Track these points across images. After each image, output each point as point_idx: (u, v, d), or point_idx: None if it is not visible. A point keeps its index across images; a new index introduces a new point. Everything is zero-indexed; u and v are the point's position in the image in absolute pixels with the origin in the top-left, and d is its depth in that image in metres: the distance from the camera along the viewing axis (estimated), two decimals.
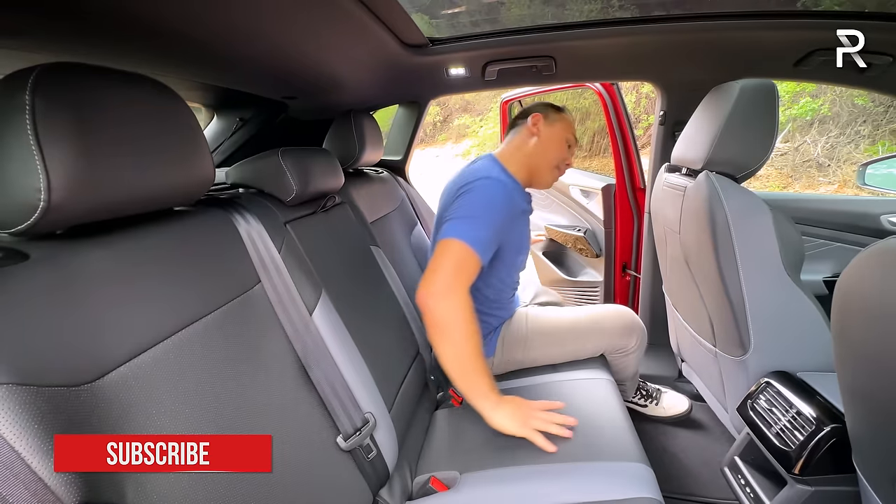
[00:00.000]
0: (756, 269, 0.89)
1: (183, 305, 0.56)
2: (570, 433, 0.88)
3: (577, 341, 1.18)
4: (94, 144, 0.45)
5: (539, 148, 1.12)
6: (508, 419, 0.87)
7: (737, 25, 1.14)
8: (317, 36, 0.92)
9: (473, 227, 0.90)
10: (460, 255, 0.87)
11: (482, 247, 0.90)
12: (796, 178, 4.76)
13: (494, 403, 0.88)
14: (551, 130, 1.13)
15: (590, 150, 6.66)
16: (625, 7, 1.32)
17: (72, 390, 0.41)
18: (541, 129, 1.12)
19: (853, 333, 0.54)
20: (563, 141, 1.14)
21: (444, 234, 0.90)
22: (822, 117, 4.75)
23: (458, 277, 0.86)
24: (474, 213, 0.92)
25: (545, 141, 1.12)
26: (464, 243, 0.87)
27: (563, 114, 1.16)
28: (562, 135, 1.14)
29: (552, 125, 1.13)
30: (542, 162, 1.13)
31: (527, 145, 1.13)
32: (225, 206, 0.74)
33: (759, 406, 0.90)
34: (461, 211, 0.93)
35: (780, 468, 0.82)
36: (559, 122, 1.14)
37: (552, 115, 1.15)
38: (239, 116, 1.47)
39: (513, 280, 1.19)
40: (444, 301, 0.85)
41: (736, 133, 0.92)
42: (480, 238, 0.89)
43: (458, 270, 0.86)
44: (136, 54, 0.83)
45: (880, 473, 0.57)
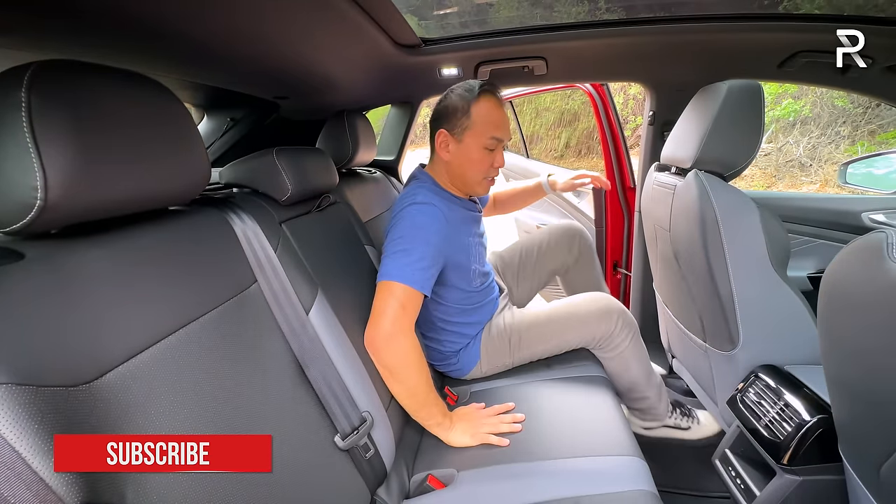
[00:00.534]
0: (744, 266, 0.91)
1: (180, 305, 0.56)
2: (520, 427, 0.94)
3: (558, 333, 1.15)
4: (91, 143, 0.45)
5: (456, 167, 1.04)
6: (462, 434, 0.93)
7: (722, 27, 1.16)
8: (311, 36, 0.92)
9: (408, 265, 0.90)
10: (400, 297, 0.88)
11: (420, 282, 0.90)
12: (780, 178, 4.87)
13: (447, 427, 0.94)
14: (462, 147, 1.01)
15: (579, 152, 6.74)
16: (612, 9, 1.34)
17: (70, 390, 0.40)
18: (450, 150, 1.02)
19: (838, 326, 0.56)
20: (481, 150, 1.01)
21: (382, 276, 0.91)
22: (803, 118, 4.87)
23: (401, 319, 0.88)
24: (405, 246, 0.92)
25: (460, 158, 1.02)
26: (401, 284, 0.88)
27: (477, 105, 0.98)
28: (477, 144, 1.00)
29: (462, 139, 1.00)
30: (466, 176, 1.05)
31: (445, 162, 1.05)
32: (220, 205, 0.73)
33: (749, 399, 0.93)
34: (393, 245, 0.93)
35: (770, 459, 0.84)
36: (469, 130, 0.99)
37: (459, 123, 0.99)
38: (230, 116, 1.46)
39: (473, 288, 1.13)
40: (389, 345, 0.87)
41: (723, 133, 0.94)
42: (416, 274, 0.90)
43: (400, 312, 0.88)
44: (128, 53, 0.82)
45: (865, 461, 0.59)
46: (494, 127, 1.00)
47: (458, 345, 1.16)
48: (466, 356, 1.16)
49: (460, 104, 0.99)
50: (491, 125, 1.00)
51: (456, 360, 1.16)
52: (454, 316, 1.13)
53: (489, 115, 0.99)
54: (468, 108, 0.98)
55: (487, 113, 0.99)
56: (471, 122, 0.99)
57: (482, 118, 0.99)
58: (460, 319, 1.14)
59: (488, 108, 0.99)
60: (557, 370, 1.16)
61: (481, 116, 0.99)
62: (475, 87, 1.00)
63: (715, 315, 0.98)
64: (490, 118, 0.99)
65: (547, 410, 1.01)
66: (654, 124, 1.47)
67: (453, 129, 1.01)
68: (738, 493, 0.91)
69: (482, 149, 1.01)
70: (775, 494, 0.82)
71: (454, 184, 1.09)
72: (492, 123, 1.00)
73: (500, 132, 1.01)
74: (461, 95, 0.99)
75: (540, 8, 1.53)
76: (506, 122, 1.03)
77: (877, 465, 0.55)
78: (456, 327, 1.14)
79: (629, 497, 0.75)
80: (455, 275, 1.07)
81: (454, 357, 1.16)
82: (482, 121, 0.99)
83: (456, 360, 1.16)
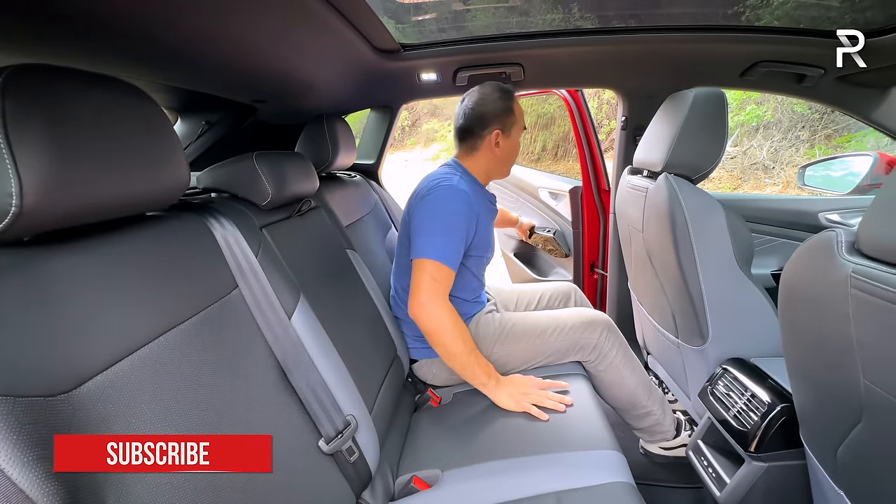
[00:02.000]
0: (712, 264, 0.95)
1: (159, 312, 0.55)
2: (563, 409, 0.99)
3: (542, 335, 1.17)
4: (68, 147, 0.44)
5: (502, 158, 1.19)
6: (507, 398, 1.01)
7: (688, 38, 1.22)
8: (290, 40, 0.92)
9: (440, 244, 1.01)
10: (433, 272, 0.99)
11: (451, 259, 1.02)
12: (745, 180, 5.09)
13: (492, 388, 1.02)
14: (510, 139, 1.17)
15: (555, 154, 6.85)
16: (586, 17, 1.39)
17: (48, 400, 0.39)
18: (501, 145, 1.16)
19: (796, 319, 0.60)
20: (520, 139, 1.20)
21: (416, 253, 1.02)
22: (766, 123, 5.10)
23: (435, 290, 0.99)
24: (437, 228, 1.03)
25: (507, 151, 1.18)
26: (434, 261, 1.00)
27: (515, 103, 1.17)
28: (518, 134, 1.19)
29: (510, 134, 1.16)
30: (510, 162, 1.22)
31: (490, 155, 1.17)
32: (199, 210, 0.72)
33: (718, 391, 0.97)
34: (426, 227, 1.03)
35: (738, 448, 0.88)
36: (515, 125, 1.17)
37: (509, 120, 1.15)
38: (205, 119, 1.43)
39: (479, 273, 1.24)
40: (427, 311, 0.98)
41: (691, 138, 0.99)
42: (447, 252, 1.01)
43: (434, 284, 0.99)
44: (101, 56, 0.80)
45: (824, 445, 0.63)
46: (524, 118, 1.20)
47: None
48: None
49: (504, 105, 1.14)
50: (522, 117, 1.19)
51: None
52: (460, 290, 1.18)
53: (519, 109, 1.18)
54: (511, 107, 1.15)
55: (519, 108, 1.18)
56: (514, 118, 1.16)
57: (519, 113, 1.18)
58: (463, 295, 1.19)
59: (518, 106, 1.18)
60: (540, 370, 1.19)
61: (518, 112, 1.17)
62: (509, 89, 1.16)
63: (686, 312, 1.03)
64: (520, 111, 1.18)
65: None
66: (627, 129, 1.53)
67: (504, 127, 1.15)
68: (710, 481, 0.96)
69: (520, 137, 1.20)
70: (744, 481, 0.86)
71: (490, 175, 1.23)
72: (523, 115, 1.19)
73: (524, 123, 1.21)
74: (501, 98, 1.14)
75: (516, 15, 1.56)
76: None
77: (833, 448, 0.59)
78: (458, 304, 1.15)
79: (608, 489, 0.78)
80: (471, 260, 1.15)
81: None
82: (520, 115, 1.18)
83: None
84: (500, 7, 1.54)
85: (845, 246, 0.50)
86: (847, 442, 0.56)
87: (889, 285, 0.42)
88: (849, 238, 0.50)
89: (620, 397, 1.18)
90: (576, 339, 1.17)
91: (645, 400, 1.18)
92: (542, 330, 1.17)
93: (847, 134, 4.55)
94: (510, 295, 1.45)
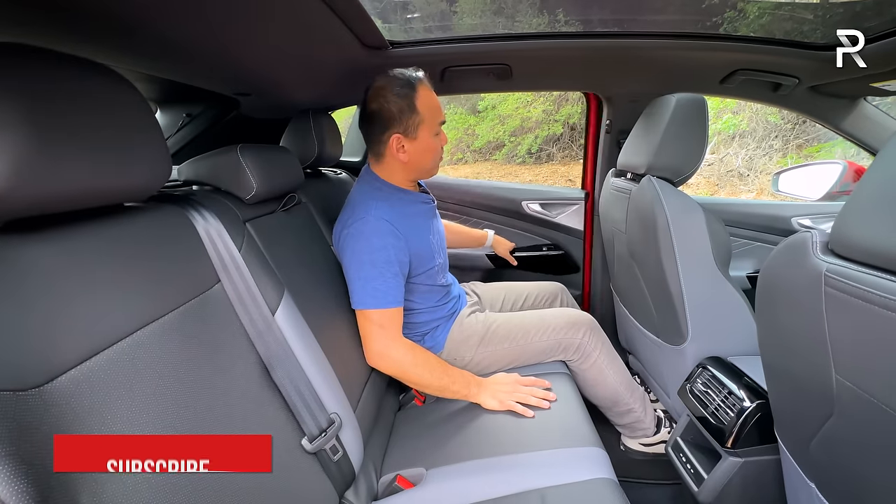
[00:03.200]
0: (692, 265, 0.98)
1: (138, 305, 0.53)
2: (548, 405, 1.00)
3: (526, 334, 1.17)
4: (44, 131, 0.42)
5: (415, 162, 1.05)
6: (491, 398, 1.01)
7: (671, 45, 1.25)
8: (279, 30, 0.90)
9: (375, 288, 0.96)
10: (378, 319, 0.97)
11: (392, 299, 0.98)
12: (721, 186, 5.25)
13: (476, 393, 1.02)
14: (418, 142, 1.02)
15: (538, 157, 6.94)
16: (571, 22, 1.41)
17: (19, 395, 0.38)
18: (407, 150, 1.02)
19: (772, 317, 0.62)
20: (433, 138, 1.03)
21: (355, 303, 0.98)
22: (742, 132, 5.28)
23: (386, 336, 0.97)
24: (367, 272, 0.96)
25: (418, 154, 1.04)
26: (375, 310, 0.97)
27: (422, 95, 0.99)
28: (429, 134, 1.02)
29: (416, 136, 1.01)
30: (425, 166, 1.08)
31: (398, 164, 1.05)
32: (180, 202, 0.70)
33: (697, 389, 1.00)
34: (356, 271, 0.97)
35: (716, 444, 0.91)
36: (423, 124, 1.00)
37: (411, 121, 0.99)
38: (186, 112, 1.39)
39: (437, 280, 1.16)
40: (384, 360, 0.99)
41: (673, 141, 1.01)
42: (387, 295, 0.97)
43: (382, 331, 0.97)
44: (78, 40, 0.77)
45: (798, 439, 0.65)
46: (438, 112, 1.03)
47: (426, 326, 1.16)
48: (431, 341, 1.16)
49: (403, 104, 0.98)
50: (435, 112, 1.02)
51: (419, 342, 1.15)
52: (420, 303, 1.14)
53: (430, 103, 1.01)
54: (413, 104, 0.99)
55: (429, 102, 1.00)
56: (420, 117, 1.00)
57: (427, 109, 1.00)
58: (426, 305, 1.16)
59: (428, 97, 1.00)
60: (523, 369, 1.19)
61: (426, 108, 1.00)
62: (411, 81, 1.00)
63: (667, 311, 1.05)
64: (432, 106, 1.01)
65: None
66: (611, 132, 1.55)
67: (406, 131, 1.00)
68: (688, 478, 0.98)
69: (433, 136, 1.04)
70: (722, 476, 0.88)
71: (409, 178, 1.11)
72: (435, 110, 1.02)
73: (442, 115, 1.04)
74: (400, 95, 0.98)
75: (502, 17, 1.58)
76: (440, 102, 1.05)
77: (806, 442, 0.61)
78: (423, 315, 1.16)
79: (591, 485, 0.79)
80: (420, 277, 1.10)
81: (419, 341, 1.15)
82: (429, 111, 1.00)
83: (419, 342, 1.15)
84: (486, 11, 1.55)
85: (819, 246, 0.52)
86: (819, 436, 0.58)
87: (861, 283, 0.44)
88: (823, 239, 0.52)
89: (603, 395, 1.20)
90: (559, 340, 1.17)
91: (627, 397, 1.20)
92: (525, 331, 1.18)
93: (817, 144, 4.74)
94: (497, 293, 1.44)
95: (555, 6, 1.37)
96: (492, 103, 7.27)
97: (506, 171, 6.99)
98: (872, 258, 0.44)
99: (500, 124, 7.21)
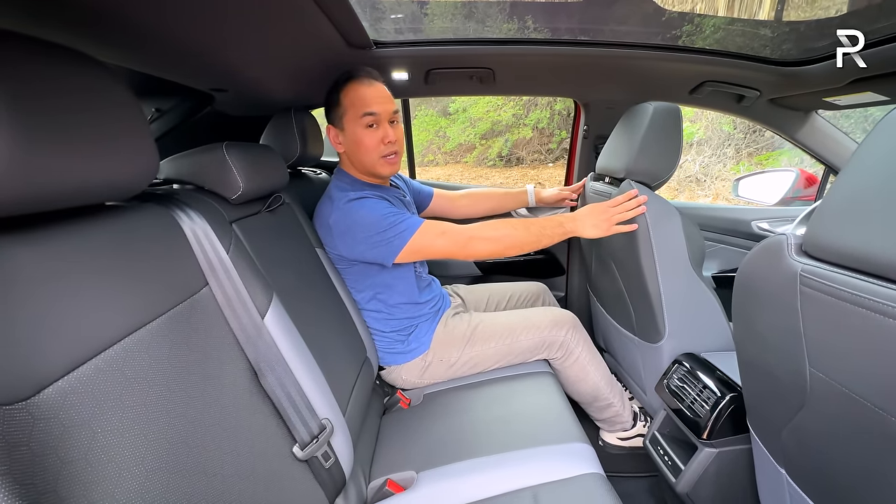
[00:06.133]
0: (669, 265, 1.03)
1: (125, 310, 0.50)
2: (644, 209, 1.01)
3: (511, 333, 1.20)
4: (24, 125, 0.39)
5: (352, 154, 1.10)
6: (592, 228, 1.05)
7: (644, 55, 1.31)
8: (261, 23, 0.87)
9: (401, 222, 1.01)
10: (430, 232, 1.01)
11: (416, 219, 1.03)
12: (680, 191, 5.54)
13: (572, 227, 1.07)
14: (347, 134, 1.07)
15: (508, 160, 7.06)
16: (539, 30, 1.45)
17: (6, 409, 0.35)
18: (341, 140, 1.10)
19: (750, 313, 0.66)
20: (363, 130, 1.05)
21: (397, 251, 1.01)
22: (699, 140, 5.59)
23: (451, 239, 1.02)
24: (388, 221, 1.00)
25: (351, 145, 1.08)
26: (417, 231, 1.00)
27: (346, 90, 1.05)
28: (356, 125, 1.05)
29: (344, 127, 1.07)
30: (364, 161, 1.09)
31: (344, 156, 1.13)
32: (164, 202, 0.67)
33: (673, 384, 1.04)
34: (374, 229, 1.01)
35: (692, 436, 0.95)
36: (346, 116, 1.05)
37: (336, 113, 1.06)
38: (155, 106, 1.32)
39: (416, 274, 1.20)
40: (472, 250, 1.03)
41: (652, 147, 1.06)
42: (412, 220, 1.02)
43: (443, 237, 1.02)
44: (47, 26, 0.72)
45: (770, 429, 0.70)
46: (364, 104, 1.04)
47: (409, 322, 1.16)
48: (416, 342, 1.16)
49: (333, 97, 1.06)
50: (360, 104, 1.04)
51: (404, 341, 1.16)
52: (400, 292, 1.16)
53: (356, 95, 1.05)
54: (339, 97, 1.05)
55: (355, 94, 1.05)
56: (343, 108, 1.06)
57: (351, 101, 1.05)
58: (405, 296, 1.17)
59: (355, 90, 1.05)
60: (507, 369, 1.21)
61: (350, 100, 1.05)
62: (347, 74, 1.06)
63: (645, 310, 1.09)
64: (358, 98, 1.04)
65: (500, 406, 1.05)
66: (589, 138, 1.60)
67: (335, 122, 1.08)
68: (666, 469, 1.02)
69: (364, 128, 1.05)
70: (698, 467, 0.93)
71: (364, 173, 1.13)
72: (361, 101, 1.04)
73: (373, 107, 1.05)
74: (333, 89, 1.06)
75: (473, 22, 1.60)
76: (379, 97, 1.06)
77: (778, 431, 0.66)
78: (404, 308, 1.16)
79: (580, 481, 0.81)
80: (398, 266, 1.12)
81: (403, 341, 1.16)
82: (351, 104, 1.05)
83: (404, 341, 1.16)
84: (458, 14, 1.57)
85: (794, 248, 0.56)
86: (791, 424, 0.63)
87: (833, 282, 0.48)
88: (797, 241, 0.56)
89: (585, 391, 1.24)
90: (544, 338, 1.20)
91: (607, 392, 1.25)
92: (511, 329, 1.20)
93: (766, 152, 5.09)
94: (481, 294, 1.46)
95: (524, 12, 1.41)
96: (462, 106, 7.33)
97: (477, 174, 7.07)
98: (843, 259, 0.48)
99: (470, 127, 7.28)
